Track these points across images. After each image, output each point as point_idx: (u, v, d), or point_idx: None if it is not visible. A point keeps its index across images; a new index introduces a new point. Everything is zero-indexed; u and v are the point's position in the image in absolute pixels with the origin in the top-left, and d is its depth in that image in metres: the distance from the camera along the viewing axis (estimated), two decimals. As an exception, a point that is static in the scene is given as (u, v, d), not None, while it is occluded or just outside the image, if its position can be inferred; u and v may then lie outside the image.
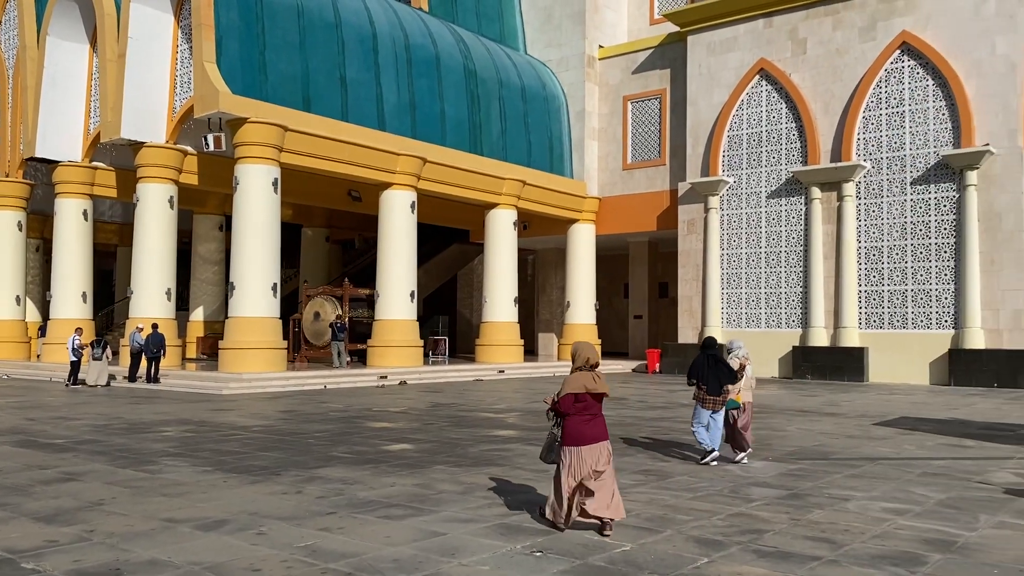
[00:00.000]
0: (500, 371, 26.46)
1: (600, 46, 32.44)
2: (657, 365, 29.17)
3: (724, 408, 9.75)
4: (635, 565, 5.62)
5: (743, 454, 9.92)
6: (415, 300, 25.78)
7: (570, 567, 5.57)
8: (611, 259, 38.55)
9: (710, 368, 9.71)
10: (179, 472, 9.10)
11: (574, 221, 31.66)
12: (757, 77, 27.56)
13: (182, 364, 25.36)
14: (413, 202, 25.45)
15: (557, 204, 30.56)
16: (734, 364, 9.97)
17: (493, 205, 28.54)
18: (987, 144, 23.26)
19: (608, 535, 6.33)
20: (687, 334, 28.76)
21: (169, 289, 24.33)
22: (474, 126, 28.17)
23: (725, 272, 28.03)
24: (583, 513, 6.42)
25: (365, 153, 24.00)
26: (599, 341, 31.89)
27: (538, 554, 5.87)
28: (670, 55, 30.41)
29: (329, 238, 37.84)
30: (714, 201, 28.10)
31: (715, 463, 9.66)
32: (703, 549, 6.04)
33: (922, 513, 7.27)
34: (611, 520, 6.40)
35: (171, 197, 24.41)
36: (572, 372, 6.63)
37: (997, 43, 23.45)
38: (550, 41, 32.68)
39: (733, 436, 9.95)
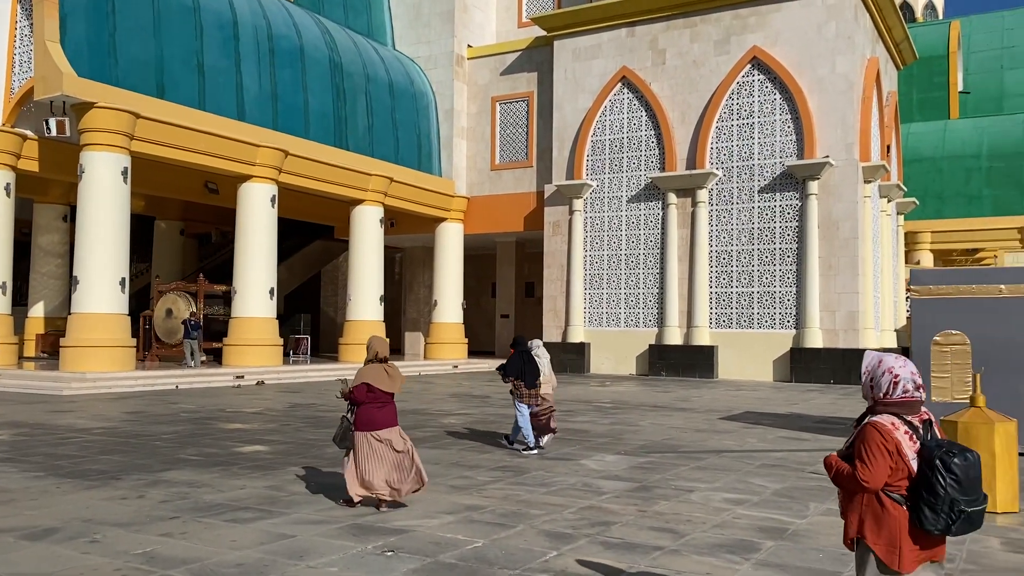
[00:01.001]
0: (364, 370, 26.06)
1: (469, 46, 32.56)
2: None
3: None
4: (486, 561, 5.67)
5: (547, 437, 10.90)
6: (275, 297, 25.03)
7: (421, 565, 5.56)
8: (479, 258, 38.79)
9: (525, 364, 10.60)
10: (6, 478, 8.46)
11: (442, 220, 31.63)
12: (620, 84, 28.42)
13: (19, 363, 23.60)
14: (274, 196, 24.71)
15: (425, 202, 30.44)
16: (542, 362, 10.90)
17: (359, 201, 28.11)
18: (827, 156, 24.92)
19: (386, 509, 7.07)
20: (552, 333, 29.31)
21: (4, 283, 22.59)
22: (339, 120, 27.65)
23: (588, 273, 28.75)
24: (389, 493, 7.08)
25: (223, 144, 23.09)
26: (466, 340, 32.02)
27: (389, 553, 5.83)
28: (537, 58, 30.89)
29: (184, 231, 36.16)
30: (578, 204, 28.77)
31: (536, 451, 10.51)
32: (553, 542, 6.17)
33: (759, 503, 7.70)
34: (415, 490, 7.20)
35: (8, 184, 22.69)
36: (365, 364, 7.26)
37: (837, 62, 25.16)
38: (419, 38, 32.51)
39: (537, 425, 10.75)
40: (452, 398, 18.59)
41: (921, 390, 3.53)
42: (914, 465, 3.42)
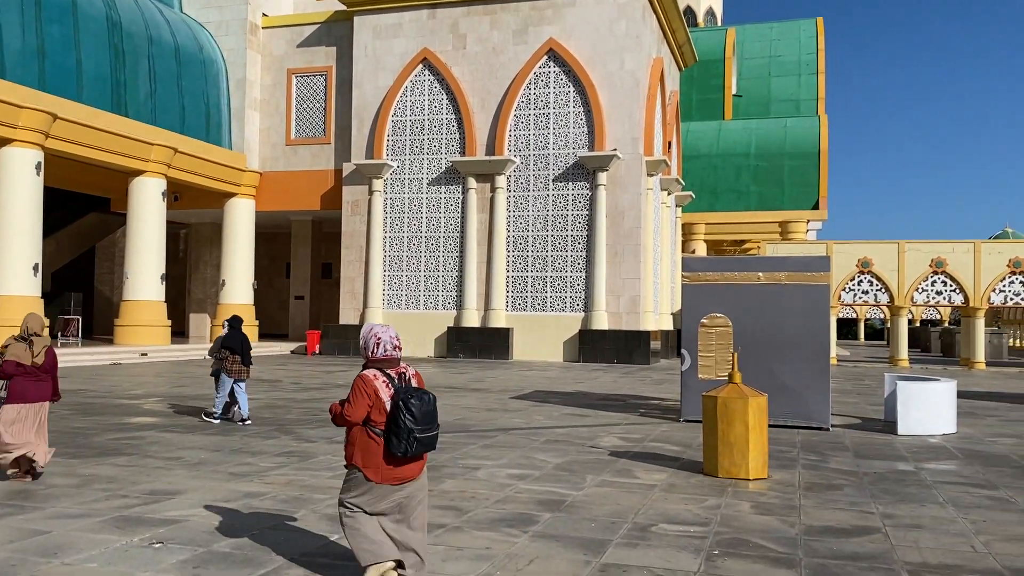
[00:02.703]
0: (143, 354, 24.41)
1: (264, 14, 31.16)
2: (317, 347, 28.90)
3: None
4: (262, 548, 5.49)
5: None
6: (39, 274, 22.79)
7: (192, 556, 5.29)
8: (273, 237, 37.40)
9: (244, 342, 11.44)
10: None
11: (232, 195, 30.15)
12: (421, 66, 28.34)
13: None
14: (39, 163, 22.44)
15: (213, 176, 28.86)
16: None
17: (139, 172, 26.16)
18: (615, 149, 26.25)
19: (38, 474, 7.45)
20: (349, 315, 28.84)
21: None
22: (118, 84, 25.55)
23: (388, 255, 28.54)
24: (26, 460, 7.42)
25: (-23, 102, 20.65)
26: (257, 322, 30.79)
27: (157, 545, 5.50)
28: (337, 33, 30.12)
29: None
30: (378, 184, 28.45)
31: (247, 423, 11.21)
32: (335, 527, 6.08)
33: (540, 477, 8.01)
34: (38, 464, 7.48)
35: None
36: (12, 340, 7.59)
37: (625, 59, 26.52)
38: (209, 2, 30.67)
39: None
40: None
41: (399, 350, 4.77)
42: (389, 406, 4.59)
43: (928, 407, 11.40)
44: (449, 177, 28.03)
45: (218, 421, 11.33)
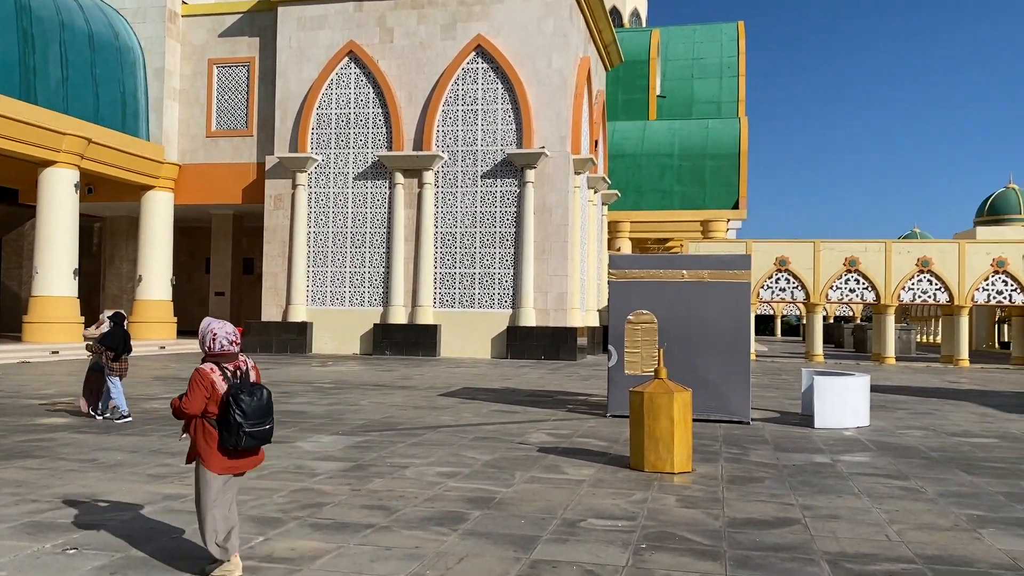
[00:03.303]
0: (54, 352, 23.42)
1: (184, 2, 30.24)
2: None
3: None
4: (181, 553, 5.33)
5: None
6: (-59, 268, 21.64)
7: (109, 561, 5.09)
8: (192, 231, 36.37)
9: (124, 340, 11.46)
10: None
11: (149, 188, 29.18)
12: (347, 59, 27.94)
13: None
14: (-60, 151, 21.30)
15: (129, 167, 27.88)
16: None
17: (50, 163, 25.07)
18: (543, 147, 26.38)
19: None
20: (271, 312, 28.26)
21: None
22: (26, 70, 24.42)
23: (312, 250, 28.06)
24: None
25: None
26: (175, 319, 29.91)
27: (72, 551, 5.28)
28: (260, 23, 29.44)
29: None
30: (302, 178, 27.94)
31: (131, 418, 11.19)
32: (260, 528, 5.95)
33: (470, 475, 7.99)
34: None
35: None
36: None
37: (553, 58, 26.67)
38: (125, -13, 29.55)
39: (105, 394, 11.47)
40: (157, 381, 17.29)
41: (236, 344, 4.93)
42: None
43: (843, 401, 11.82)
44: (376, 172, 27.72)
45: (130, 418, 11.20)
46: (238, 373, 4.85)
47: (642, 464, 8.32)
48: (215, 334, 4.90)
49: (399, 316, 27.04)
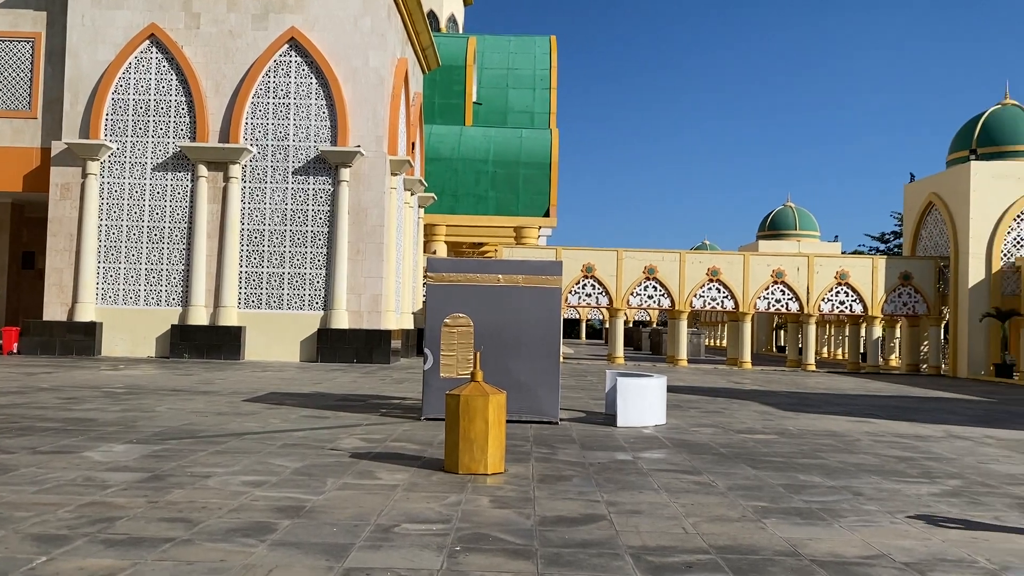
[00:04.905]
0: None
1: (-45, -36, 27.10)
2: (15, 345, 25.65)
3: None
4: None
5: None
6: None
7: None
8: (-41, 220, 32.62)
9: None
10: None
11: (-93, 170, 25.86)
12: (148, 42, 26.18)
13: None
14: None
15: None
16: None
17: None
18: (359, 146, 25.99)
19: None
20: (55, 310, 25.88)
21: None
22: None
23: (103, 244, 26.00)
24: None
25: None
26: (-63, 317, 26.69)
27: None
28: (48, -4, 26.93)
29: None
30: (94, 167, 25.83)
31: None
32: (42, 546, 5.43)
33: (278, 483, 7.70)
34: None
35: None
36: None
37: (370, 56, 26.35)
38: None
39: None
40: (-85, 387, 15.33)
41: None
42: None
43: (643, 401, 12.51)
44: (177, 164, 26.14)
45: None
46: None
47: (456, 466, 8.38)
48: None
49: (200, 317, 25.63)
